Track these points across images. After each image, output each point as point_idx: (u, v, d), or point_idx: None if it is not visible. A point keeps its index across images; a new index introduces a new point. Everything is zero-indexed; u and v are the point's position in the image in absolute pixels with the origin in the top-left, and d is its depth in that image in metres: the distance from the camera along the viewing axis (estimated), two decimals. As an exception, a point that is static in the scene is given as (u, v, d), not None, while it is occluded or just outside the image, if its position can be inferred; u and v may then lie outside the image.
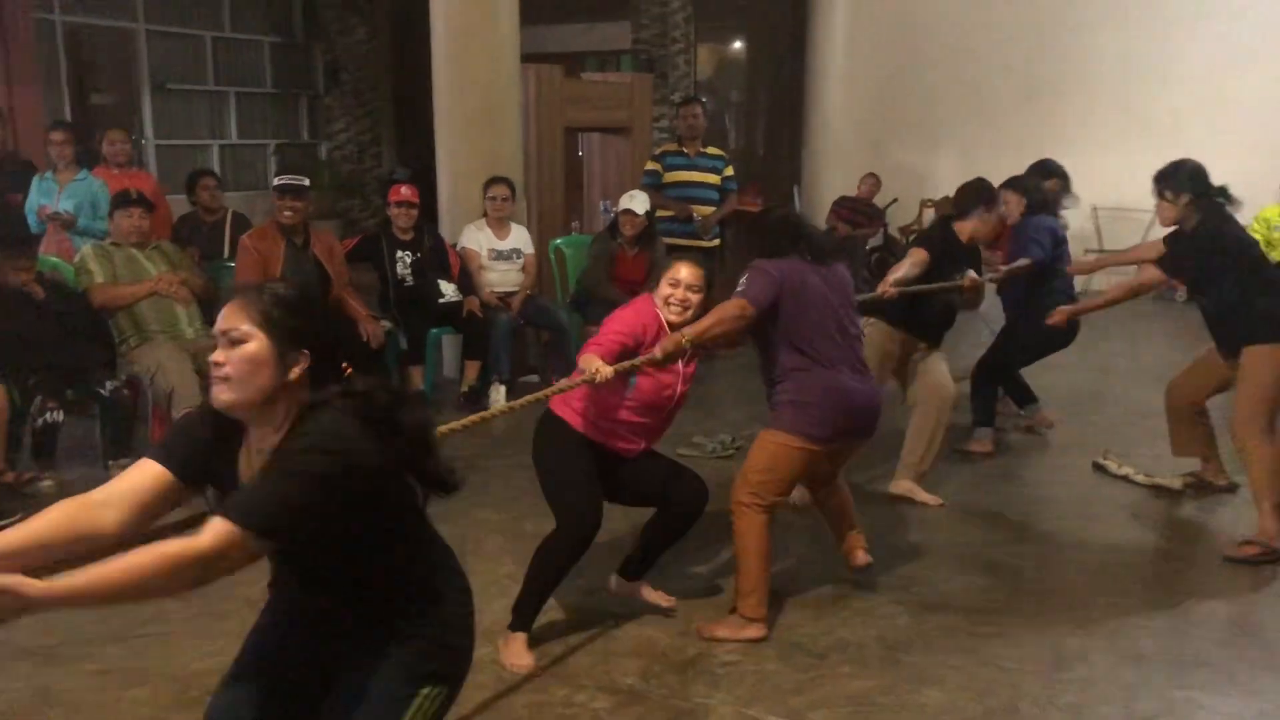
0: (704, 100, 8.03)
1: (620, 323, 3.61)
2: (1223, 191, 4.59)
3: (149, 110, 11.62)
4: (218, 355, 2.03)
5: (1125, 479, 5.27)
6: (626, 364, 3.45)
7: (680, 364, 3.59)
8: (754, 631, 3.62)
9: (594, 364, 3.34)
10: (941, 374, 4.99)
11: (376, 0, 12.80)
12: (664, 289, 3.62)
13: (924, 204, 11.73)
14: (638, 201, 6.79)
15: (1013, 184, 5.88)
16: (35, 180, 6.57)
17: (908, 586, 4.07)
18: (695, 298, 3.59)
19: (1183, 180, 4.58)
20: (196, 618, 3.75)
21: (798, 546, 4.44)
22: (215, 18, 12.25)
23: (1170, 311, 10.41)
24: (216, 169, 11.94)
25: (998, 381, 5.97)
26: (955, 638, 3.67)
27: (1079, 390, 6.79)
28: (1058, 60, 11.34)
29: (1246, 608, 3.93)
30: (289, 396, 2.05)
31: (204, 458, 2.12)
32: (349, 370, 2.15)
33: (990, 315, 6.37)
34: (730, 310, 3.61)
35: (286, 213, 5.68)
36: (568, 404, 3.59)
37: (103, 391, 5.07)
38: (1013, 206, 5.78)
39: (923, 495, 4.97)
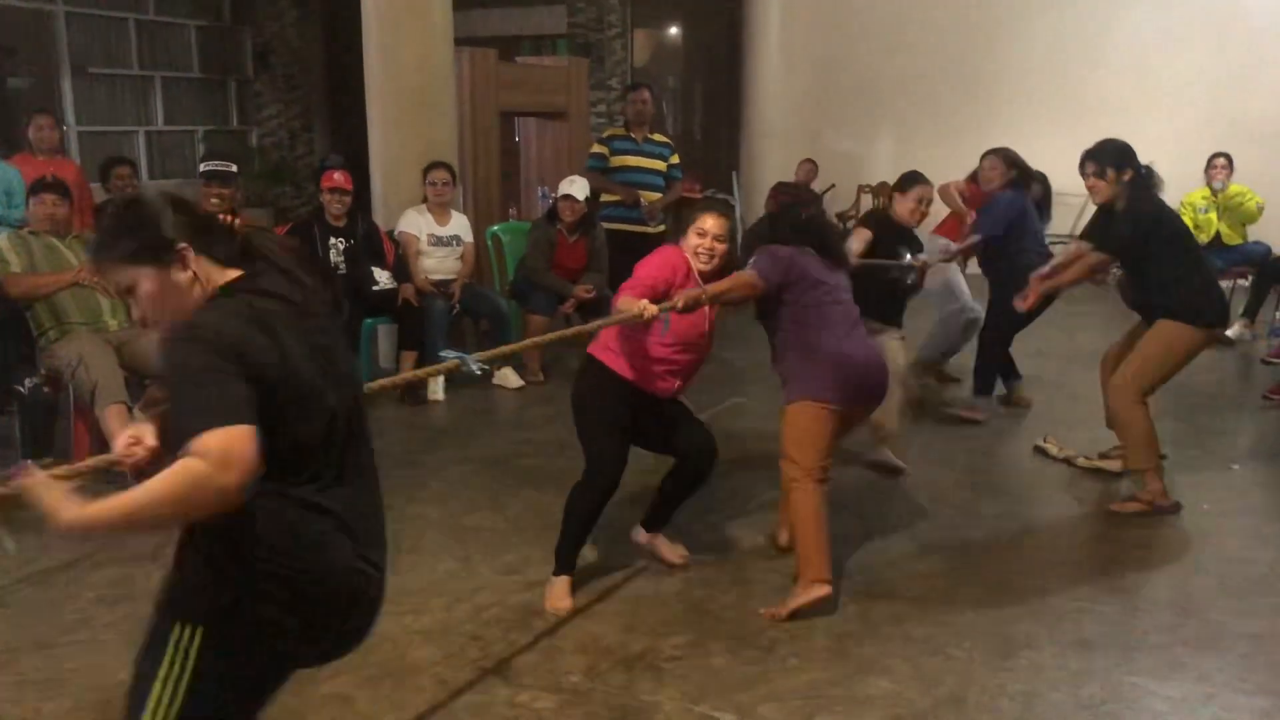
0: (652, 86, 7.93)
1: (651, 267, 3.81)
2: (1149, 171, 4.64)
3: (69, 95, 11.25)
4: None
5: (1066, 462, 5.29)
6: (662, 306, 3.59)
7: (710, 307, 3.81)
8: (820, 590, 3.68)
9: (638, 304, 3.51)
10: (890, 350, 4.98)
11: (305, -17, 12.55)
12: (692, 239, 3.83)
13: (861, 189, 11.76)
14: (577, 187, 6.69)
15: (1000, 152, 6.12)
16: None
17: (855, 575, 4.03)
18: (721, 247, 3.82)
19: (1115, 157, 4.67)
20: (123, 621, 3.60)
21: (744, 534, 4.39)
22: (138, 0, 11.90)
23: (1107, 296, 10.53)
24: (142, 156, 11.64)
25: (998, 353, 6.20)
26: (903, 626, 3.63)
27: (1048, 381, 6.78)
28: (991, 47, 11.42)
29: (1188, 590, 3.94)
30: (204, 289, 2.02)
31: None
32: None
33: (949, 293, 6.45)
34: (745, 278, 3.85)
35: (213, 200, 5.49)
36: (608, 349, 3.84)
37: (21, 389, 4.88)
38: (993, 174, 6.03)
39: (892, 459, 5.21)
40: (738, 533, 4.44)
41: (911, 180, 5.23)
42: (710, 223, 3.81)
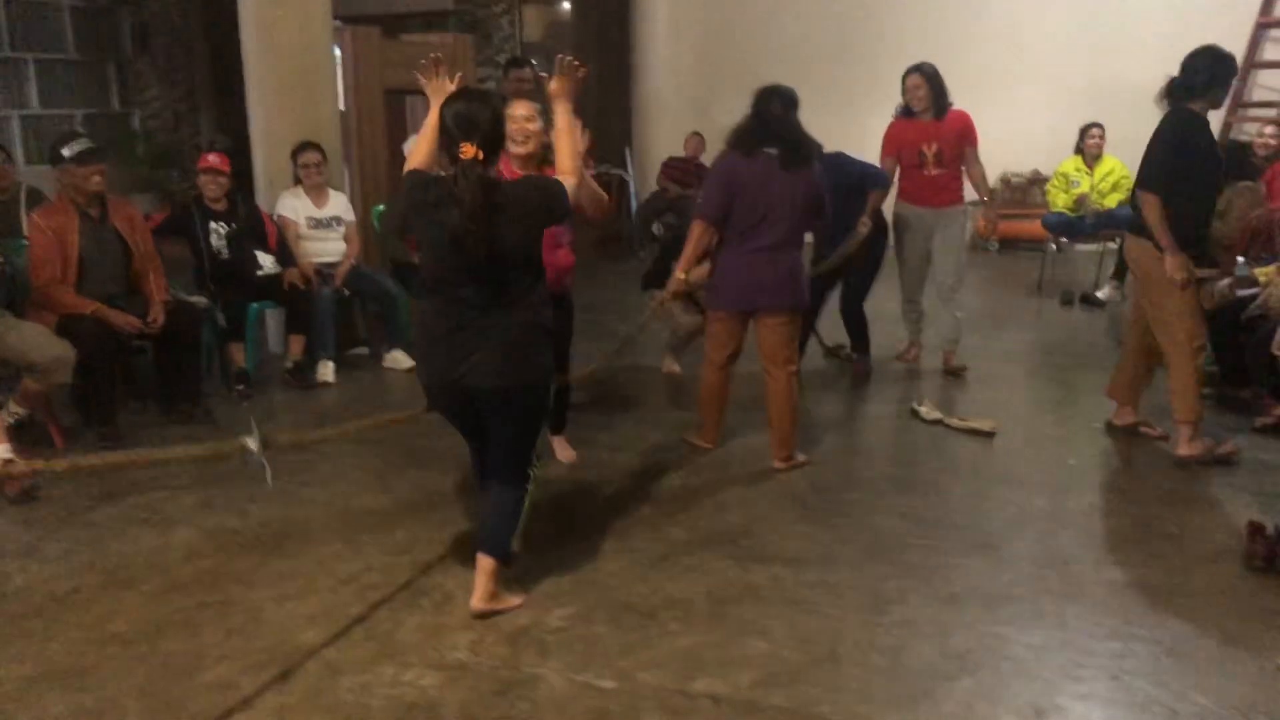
0: (533, 62, 7.92)
1: None
2: None
3: (-66, 79, 10.85)
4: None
5: (939, 423, 5.48)
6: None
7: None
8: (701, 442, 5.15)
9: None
10: None
11: (185, -41, 12.22)
12: (510, 127, 3.98)
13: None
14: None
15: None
16: None
17: (736, 540, 4.14)
18: (532, 126, 4.17)
19: None
20: (-3, 620, 3.55)
21: (631, 505, 4.47)
22: (5, -22, 11.48)
23: (985, 261, 10.85)
24: (17, 141, 11.26)
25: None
26: (781, 588, 3.74)
27: (894, 340, 6.98)
28: (870, 19, 11.62)
29: (1053, 544, 4.12)
30: None
31: None
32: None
33: None
34: (695, 232, 4.76)
35: (96, 179, 5.33)
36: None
37: None
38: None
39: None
40: (625, 503, 4.51)
41: None
42: (519, 110, 4.18)
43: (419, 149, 3.58)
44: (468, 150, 3.27)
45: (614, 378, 6.28)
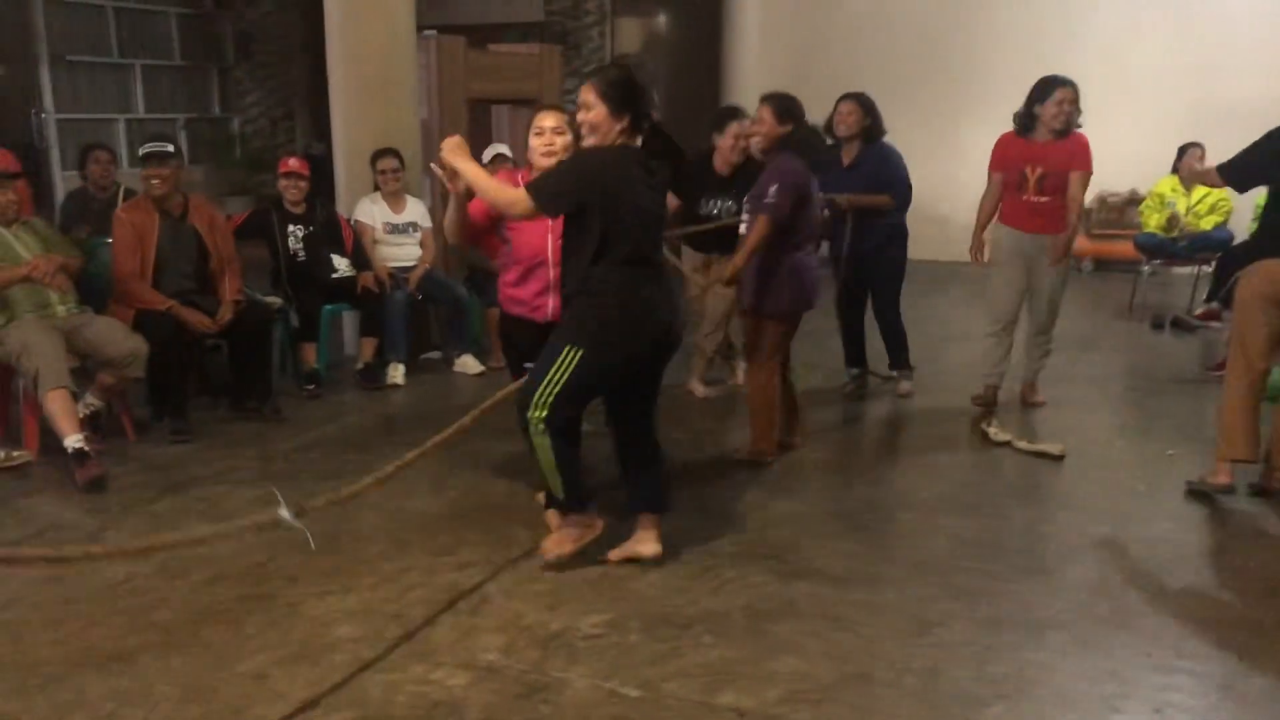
0: None
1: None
2: None
3: (48, 83, 11.30)
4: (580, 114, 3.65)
5: (1007, 445, 5.34)
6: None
7: (549, 220, 4.03)
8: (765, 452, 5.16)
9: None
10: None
11: (287, -30, 12.57)
12: (532, 140, 4.09)
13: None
14: (503, 147, 6.83)
15: (858, 96, 6.12)
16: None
17: (781, 555, 4.08)
18: (560, 139, 4.05)
19: None
20: None
21: (677, 516, 4.43)
22: (118, -14, 11.94)
23: (1077, 282, 10.57)
24: (123, 144, 11.68)
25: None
26: (821, 605, 3.68)
27: (975, 357, 6.79)
28: (966, 32, 11.42)
29: (1108, 570, 3.98)
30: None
31: None
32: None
33: None
34: (764, 229, 4.73)
35: (154, 181, 5.51)
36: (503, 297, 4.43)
37: None
38: (850, 119, 6.03)
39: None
40: (672, 514, 4.47)
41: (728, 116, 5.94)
42: (549, 120, 4.15)
43: (493, 184, 3.72)
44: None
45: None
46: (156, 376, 5.42)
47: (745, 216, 4.97)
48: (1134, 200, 10.80)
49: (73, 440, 4.78)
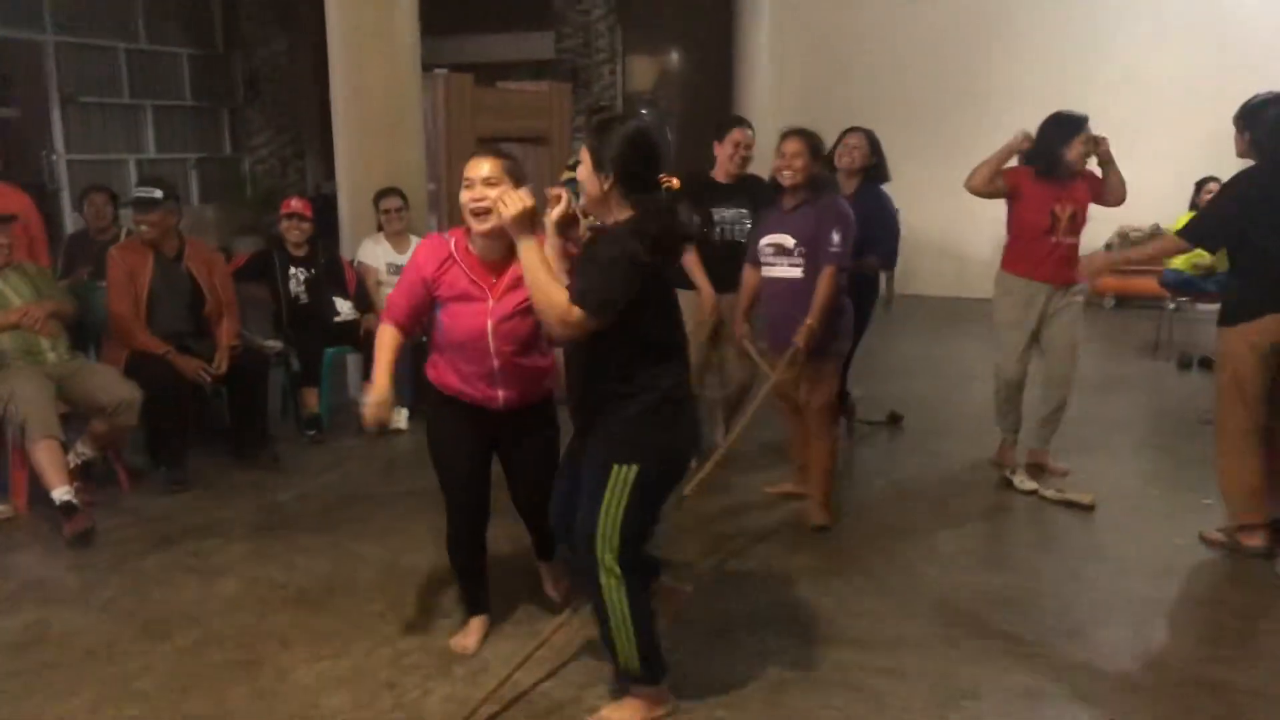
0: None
1: (403, 280, 3.41)
2: None
3: (59, 125, 11.24)
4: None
5: (1034, 494, 5.11)
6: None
7: (489, 294, 3.25)
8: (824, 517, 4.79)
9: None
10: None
11: (298, 9, 12.49)
12: (461, 195, 3.23)
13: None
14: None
15: (866, 132, 5.75)
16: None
17: (798, 617, 3.85)
18: (494, 191, 3.11)
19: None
20: (25, 672, 3.47)
21: (684, 575, 4.21)
22: (128, 29, 11.89)
23: (1099, 319, 10.34)
24: (132, 184, 11.59)
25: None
26: (844, 673, 3.45)
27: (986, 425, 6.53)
28: (983, 64, 11.26)
29: (1146, 631, 3.75)
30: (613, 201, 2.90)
31: None
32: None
33: None
34: (832, 279, 4.48)
35: (143, 227, 5.36)
36: (431, 364, 3.49)
37: None
38: (856, 154, 5.64)
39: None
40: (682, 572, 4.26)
41: (731, 124, 5.47)
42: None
43: (549, 280, 2.91)
44: (675, 182, 2.96)
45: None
46: (152, 423, 5.24)
47: (767, 244, 4.65)
48: (1157, 235, 10.58)
49: (60, 493, 4.61)
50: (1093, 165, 5.30)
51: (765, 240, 4.68)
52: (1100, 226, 10.82)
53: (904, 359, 8.31)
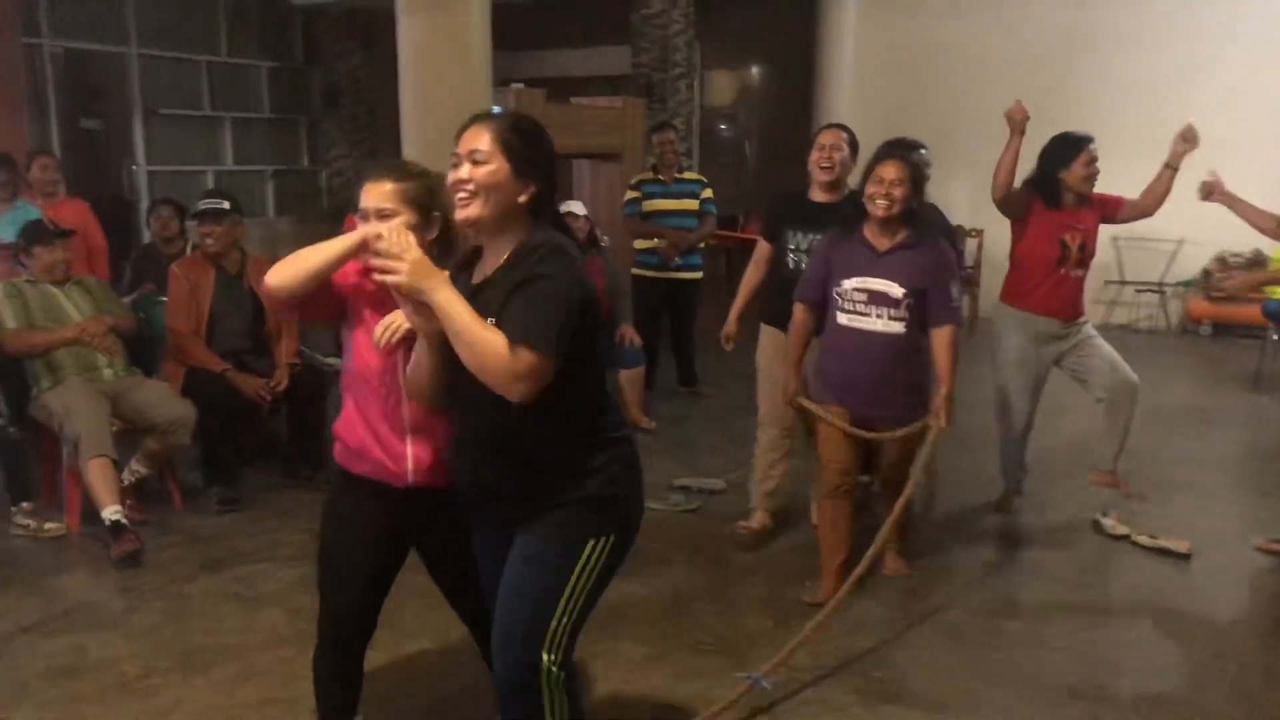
0: (676, 125, 7.70)
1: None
2: None
3: (140, 136, 11.38)
4: (460, 172, 2.24)
5: (1125, 539, 4.77)
6: None
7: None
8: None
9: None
10: None
11: (376, 24, 12.52)
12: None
13: (938, 233, 11.26)
14: (575, 205, 6.53)
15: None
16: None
17: (868, 671, 3.59)
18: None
19: None
20: (62, 700, 3.35)
21: (754, 617, 3.98)
22: (211, 42, 12.02)
23: (1195, 347, 9.87)
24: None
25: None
26: (913, 737, 3.19)
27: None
28: (1077, 85, 10.82)
29: (1246, 702, 3.42)
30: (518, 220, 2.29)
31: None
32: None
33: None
34: (956, 341, 3.92)
35: (208, 240, 5.29)
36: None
37: None
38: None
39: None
40: (746, 613, 4.02)
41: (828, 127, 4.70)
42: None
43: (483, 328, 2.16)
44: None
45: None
46: (207, 441, 5.16)
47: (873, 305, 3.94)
48: (1258, 261, 10.08)
49: (110, 512, 4.52)
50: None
51: (853, 284, 3.93)
52: (1197, 250, 10.39)
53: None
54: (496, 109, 2.30)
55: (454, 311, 2.13)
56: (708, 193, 7.18)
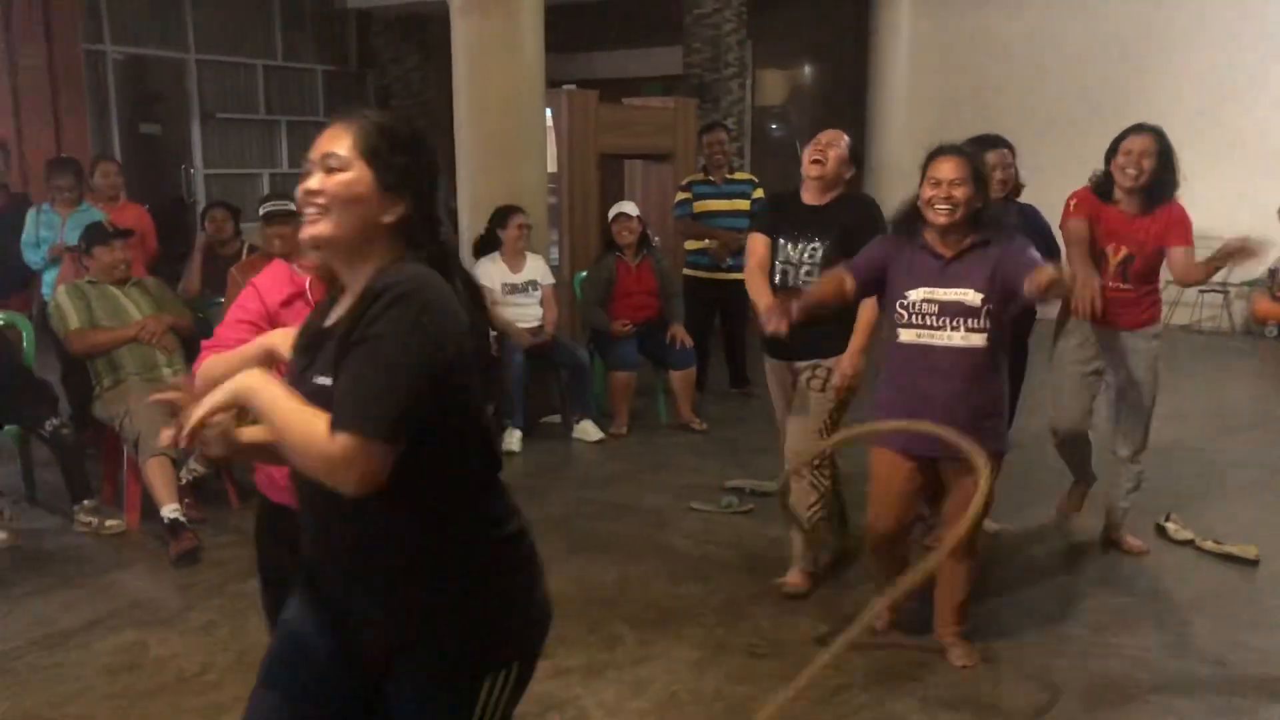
0: (728, 125, 7.67)
1: (237, 306, 2.74)
2: None
3: (198, 140, 11.56)
4: (310, 181, 1.79)
5: (1190, 545, 4.67)
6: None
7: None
8: None
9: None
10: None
11: (430, 27, 12.60)
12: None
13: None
14: (629, 206, 6.48)
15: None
16: (31, 214, 6.35)
17: (923, 677, 3.53)
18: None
19: None
20: (122, 695, 3.39)
21: (798, 621, 3.94)
22: (267, 47, 12.18)
23: (1260, 349, 9.66)
24: (260, 199, 11.84)
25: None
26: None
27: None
28: (1134, 78, 10.64)
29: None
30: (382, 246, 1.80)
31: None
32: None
33: None
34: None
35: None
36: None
37: (42, 433, 4.84)
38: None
39: None
40: (798, 616, 3.98)
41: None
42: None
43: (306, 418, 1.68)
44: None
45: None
46: (262, 441, 5.20)
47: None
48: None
49: (169, 510, 4.58)
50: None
51: (920, 294, 3.41)
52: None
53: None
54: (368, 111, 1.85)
55: (266, 400, 1.70)
56: (759, 193, 7.13)
